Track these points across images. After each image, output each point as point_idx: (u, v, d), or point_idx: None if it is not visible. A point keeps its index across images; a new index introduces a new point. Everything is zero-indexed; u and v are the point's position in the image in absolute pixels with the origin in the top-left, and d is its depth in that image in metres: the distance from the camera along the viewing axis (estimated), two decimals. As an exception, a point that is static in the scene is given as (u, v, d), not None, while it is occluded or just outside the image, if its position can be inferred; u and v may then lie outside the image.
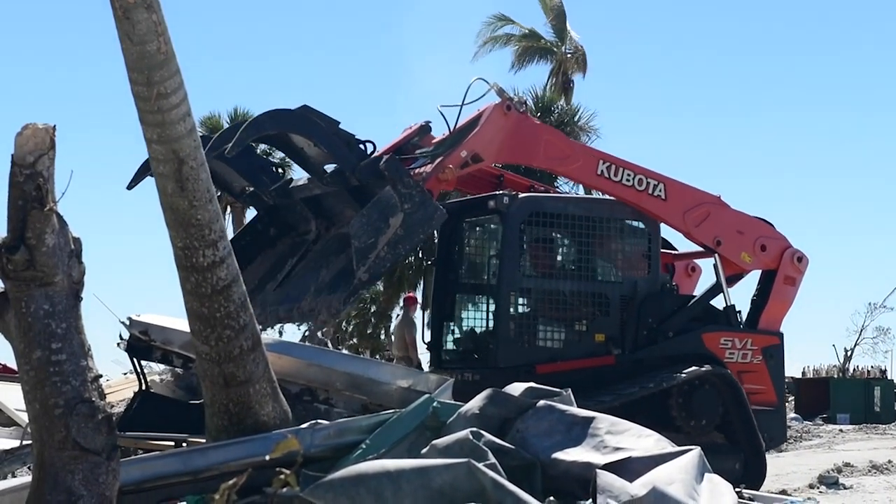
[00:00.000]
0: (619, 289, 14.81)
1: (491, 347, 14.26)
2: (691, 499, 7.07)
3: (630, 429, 8.60)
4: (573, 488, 7.72)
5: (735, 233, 15.50)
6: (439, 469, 6.53)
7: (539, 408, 8.66)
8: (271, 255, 14.50)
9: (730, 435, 14.64)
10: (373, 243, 12.31)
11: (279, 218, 14.63)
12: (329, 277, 13.20)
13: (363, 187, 13.24)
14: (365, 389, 11.67)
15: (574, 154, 14.87)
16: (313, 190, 13.95)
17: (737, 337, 15.21)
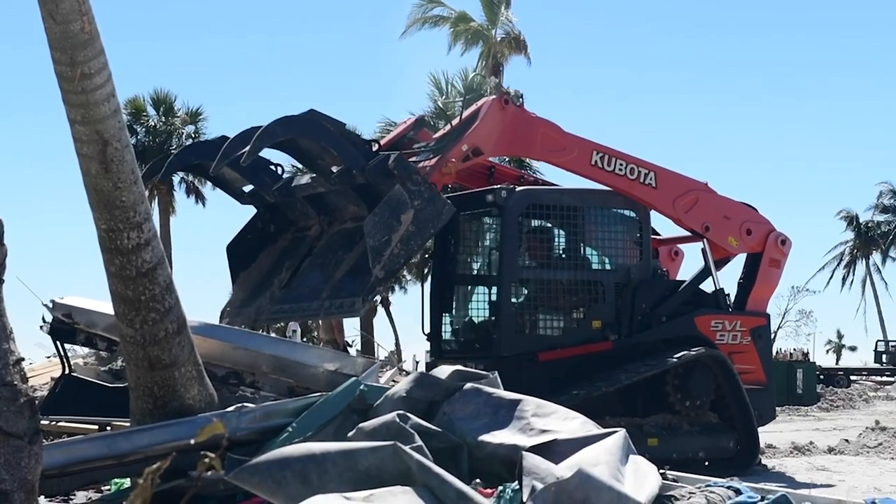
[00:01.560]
0: (613, 276, 15.10)
1: (494, 337, 14.41)
2: (616, 480, 7.12)
3: (556, 411, 8.64)
4: (499, 470, 7.75)
5: (722, 218, 15.86)
6: (365, 452, 6.53)
7: (466, 391, 8.68)
8: (273, 251, 14.58)
9: (723, 414, 14.99)
10: (386, 241, 12.50)
11: (279, 214, 14.72)
12: (341, 276, 13.33)
13: (369, 185, 13.36)
14: (291, 372, 11.65)
15: (569, 145, 15.07)
16: (317, 188, 14.06)
17: (727, 319, 15.55)
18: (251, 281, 14.45)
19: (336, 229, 14.15)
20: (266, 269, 14.48)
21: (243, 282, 14.54)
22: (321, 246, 14.13)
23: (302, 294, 13.77)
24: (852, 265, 78.11)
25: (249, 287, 14.49)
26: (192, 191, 49.54)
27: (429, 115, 40.66)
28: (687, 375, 14.68)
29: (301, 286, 13.88)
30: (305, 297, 13.64)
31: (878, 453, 16.67)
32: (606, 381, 14.13)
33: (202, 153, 13.93)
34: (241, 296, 14.52)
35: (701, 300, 15.78)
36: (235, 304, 14.55)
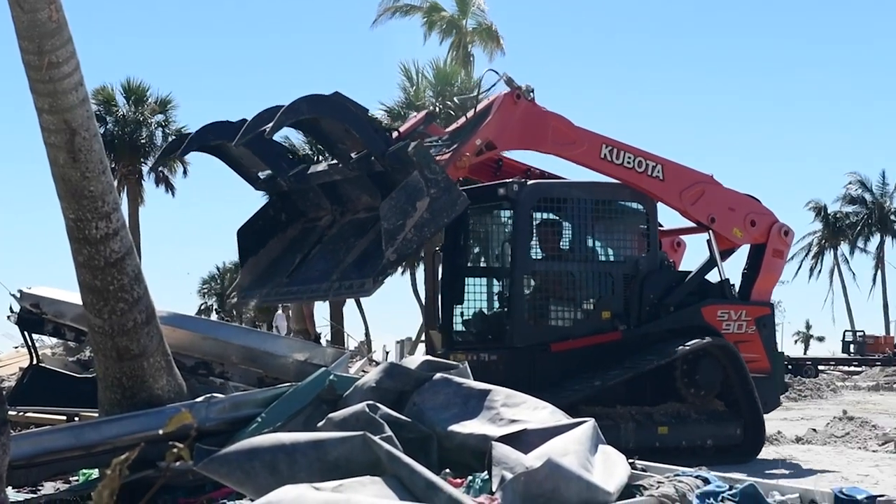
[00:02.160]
0: (622, 267, 15.29)
1: (507, 328, 14.52)
2: (585, 470, 7.13)
3: (525, 401, 8.65)
4: (469, 460, 7.75)
5: (727, 209, 16.05)
6: (334, 442, 6.51)
7: (435, 381, 8.68)
8: (283, 239, 14.66)
9: (730, 402, 15.15)
10: (401, 225, 12.62)
11: (290, 204, 14.78)
12: (352, 259, 13.47)
13: (385, 173, 13.49)
14: (261, 363, 11.63)
15: (579, 139, 15.20)
16: (333, 175, 14.15)
17: (732, 309, 15.74)
18: (259, 266, 14.53)
19: (348, 219, 14.25)
20: (275, 256, 14.61)
21: (251, 266, 14.61)
22: (332, 234, 14.25)
23: (310, 277, 13.91)
24: (820, 256, 78.48)
25: (258, 272, 14.57)
26: (162, 180, 49.36)
27: (399, 106, 40.69)
28: (695, 364, 14.86)
29: (310, 270, 14.01)
30: (314, 280, 13.79)
31: (845, 443, 16.77)
32: (621, 370, 14.33)
33: (222, 133, 13.95)
34: (248, 280, 14.59)
35: (707, 290, 15.97)
36: (243, 287, 14.64)
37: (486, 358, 14.37)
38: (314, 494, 5.47)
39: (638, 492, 7.53)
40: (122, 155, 46.31)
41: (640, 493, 7.49)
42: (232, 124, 13.89)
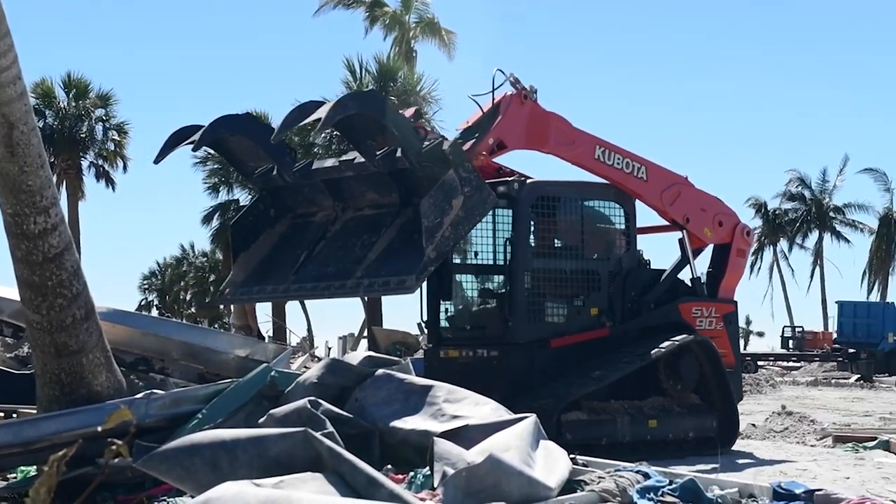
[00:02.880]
0: (607, 265, 15.58)
1: (510, 324, 14.63)
2: (526, 465, 7.16)
3: (467, 397, 8.67)
4: (411, 456, 7.76)
5: (699, 210, 16.52)
6: (275, 438, 6.49)
7: (378, 377, 8.68)
8: (272, 234, 14.68)
9: (705, 396, 15.48)
10: (439, 223, 12.75)
11: (280, 199, 14.82)
12: (376, 256, 13.50)
13: (407, 171, 13.56)
14: (202, 358, 11.60)
15: (578, 140, 15.50)
16: (344, 172, 14.14)
17: (704, 306, 16.17)
18: (251, 262, 14.52)
19: (350, 215, 14.29)
20: (266, 252, 14.59)
21: (243, 262, 14.60)
22: (336, 230, 14.26)
23: (326, 273, 13.88)
24: (760, 252, 78.94)
25: (249, 267, 14.56)
26: (102, 175, 48.91)
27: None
28: (678, 360, 15.16)
29: (324, 266, 13.99)
30: (333, 277, 13.75)
31: (783, 437, 16.92)
32: (618, 366, 14.58)
33: (233, 126, 13.96)
34: (241, 276, 14.55)
35: (679, 288, 16.36)
36: (237, 283, 14.57)
37: (484, 354, 14.54)
38: (254, 491, 5.45)
39: (579, 487, 7.56)
40: (61, 149, 45.87)
41: (580, 488, 7.53)
42: (240, 117, 14.12)
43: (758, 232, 78.40)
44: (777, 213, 78.23)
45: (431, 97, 40.64)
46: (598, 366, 14.50)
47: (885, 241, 72.69)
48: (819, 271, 75.79)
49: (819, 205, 75.58)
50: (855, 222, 75.22)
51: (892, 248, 72.78)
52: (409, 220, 13.50)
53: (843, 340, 49.80)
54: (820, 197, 75.93)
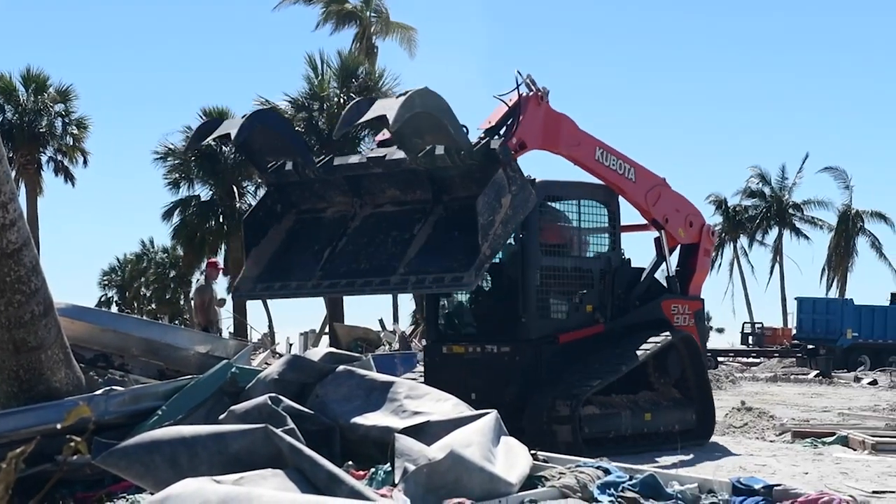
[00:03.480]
0: (599, 264, 15.84)
1: (523, 321, 14.65)
2: (487, 461, 7.17)
3: (429, 393, 8.68)
4: (372, 452, 7.76)
5: (675, 210, 16.93)
6: (236, 435, 6.48)
7: (338, 373, 8.67)
8: (279, 230, 14.65)
9: (684, 390, 15.80)
10: (491, 221, 12.87)
11: (285, 196, 14.71)
12: (415, 253, 13.52)
13: (446, 169, 13.60)
14: (162, 355, 11.53)
15: (583, 141, 15.77)
16: (371, 168, 14.11)
17: (681, 303, 16.57)
18: (263, 257, 14.48)
19: (369, 212, 14.28)
20: (276, 248, 14.54)
21: (255, 257, 14.55)
22: (356, 227, 14.25)
23: (360, 270, 13.86)
24: (720, 249, 79.21)
25: (262, 263, 14.51)
26: (62, 170, 48.61)
27: (304, 96, 40.50)
28: (666, 355, 15.48)
29: (354, 263, 13.97)
30: (371, 273, 13.75)
31: (743, 433, 17.02)
32: (623, 361, 14.84)
33: (265, 120, 14.06)
34: (255, 271, 14.48)
35: (658, 286, 16.71)
36: (251, 278, 14.49)
37: (493, 350, 14.61)
38: (214, 487, 5.43)
39: (540, 482, 7.58)
40: (20, 144, 45.55)
41: (541, 484, 7.54)
42: (270, 112, 14.08)
43: (718, 228, 78.91)
44: (737, 209, 78.56)
45: (393, 93, 40.60)
46: (603, 361, 14.73)
47: (843, 238, 73.16)
48: (779, 268, 76.19)
49: (779, 202, 75.98)
50: (814, 219, 75.69)
51: (850, 245, 73.24)
52: (443, 218, 13.64)
53: (803, 336, 50.13)
54: (780, 194, 76.33)
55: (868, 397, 28.00)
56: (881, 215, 73.13)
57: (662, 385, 15.53)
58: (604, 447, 13.40)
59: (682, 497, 7.56)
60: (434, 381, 14.39)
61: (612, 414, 14.42)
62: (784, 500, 7.38)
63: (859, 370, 44.90)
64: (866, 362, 48.05)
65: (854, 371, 44.09)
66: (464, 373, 14.33)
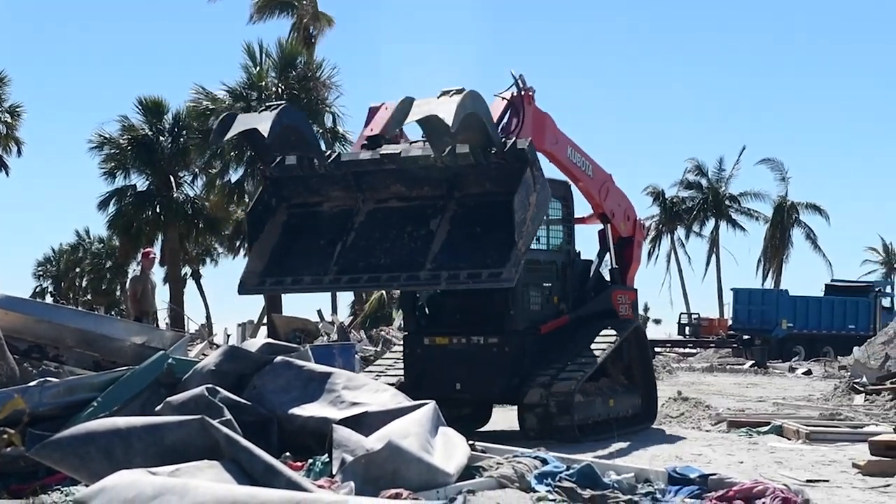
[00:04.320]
0: (560, 256, 16.18)
1: (512, 313, 14.87)
2: (425, 451, 7.17)
3: (367, 384, 8.66)
4: (310, 443, 7.73)
5: (618, 205, 17.51)
6: (172, 426, 6.43)
7: (276, 364, 8.63)
8: (275, 224, 14.65)
9: (629, 377, 16.35)
10: (524, 218, 13.21)
11: (277, 190, 14.71)
12: (438, 248, 13.68)
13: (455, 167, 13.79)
14: (97, 346, 11.43)
15: (560, 139, 16.18)
16: (384, 165, 14.11)
17: (624, 294, 17.13)
18: (265, 251, 14.49)
19: (372, 207, 14.37)
20: (274, 242, 14.55)
21: (258, 251, 14.55)
22: (362, 222, 14.33)
23: (381, 265, 13.96)
24: (658, 240, 79.70)
25: (265, 256, 14.51)
26: (-5, 160, 48.10)
27: (242, 86, 40.26)
28: (622, 343, 15.90)
29: (372, 258, 14.07)
30: (395, 268, 13.86)
31: (679, 423, 17.12)
32: (596, 351, 15.21)
33: (291, 117, 14.02)
34: (258, 266, 14.46)
35: (602, 277, 17.21)
36: (255, 272, 14.44)
37: (480, 341, 14.79)
38: (149, 479, 5.39)
39: (477, 473, 7.59)
40: (-48, 134, 45.09)
41: (479, 474, 7.56)
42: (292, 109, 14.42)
43: (655, 220, 79.43)
44: (675, 201, 79.06)
45: (332, 83, 40.54)
46: (580, 350, 15.14)
47: (779, 229, 73.86)
48: (715, 259, 76.80)
49: (716, 193, 76.55)
50: (750, 211, 76.32)
51: (786, 237, 73.97)
52: (458, 214, 13.86)
53: (738, 327, 50.60)
54: (716, 186, 76.90)
55: (802, 387, 28.30)
56: (816, 207, 73.97)
57: (615, 372, 15.98)
58: (585, 433, 14.10)
59: (619, 486, 7.61)
60: (415, 372, 14.89)
61: (591, 401, 14.85)
62: (719, 489, 7.44)
63: (794, 360, 45.40)
64: (801, 352, 48.61)
65: (789, 361, 44.56)
66: (448, 364, 14.64)
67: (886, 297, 53.32)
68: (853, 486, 9.92)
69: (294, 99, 39.12)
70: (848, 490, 9.72)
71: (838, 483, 10.17)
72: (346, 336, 25.55)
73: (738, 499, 7.09)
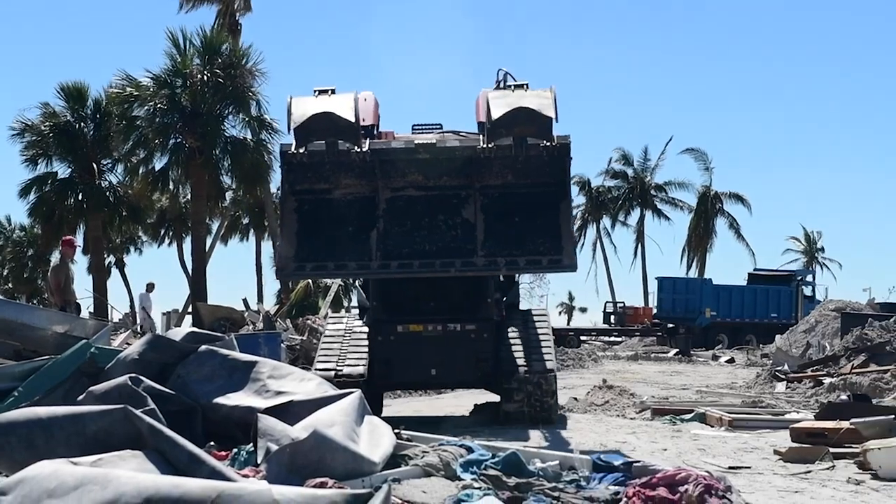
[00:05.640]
0: None
1: (489, 301, 15.35)
2: (351, 440, 7.16)
3: (292, 373, 8.63)
4: (235, 433, 7.69)
5: None
6: (94, 416, 6.36)
7: (201, 353, 8.57)
8: (289, 208, 14.76)
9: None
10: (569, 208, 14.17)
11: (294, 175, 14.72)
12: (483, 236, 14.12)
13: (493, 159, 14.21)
14: (18, 335, 11.30)
15: None
16: (419, 154, 14.40)
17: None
18: (291, 235, 14.57)
19: (390, 195, 14.59)
20: (297, 228, 14.60)
21: (287, 236, 14.65)
22: (385, 209, 14.53)
23: (426, 251, 14.33)
24: (584, 229, 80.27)
25: (293, 241, 14.58)
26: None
27: (166, 73, 39.87)
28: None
29: (413, 244, 14.41)
30: (445, 254, 14.26)
31: (604, 410, 17.25)
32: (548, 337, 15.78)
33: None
34: (290, 250, 14.51)
35: None
36: (290, 256, 14.47)
37: (456, 328, 15.08)
38: (71, 469, 5.33)
39: (403, 461, 7.59)
40: None
41: (405, 463, 7.56)
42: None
43: (581, 209, 79.94)
44: (600, 190, 79.58)
45: (258, 70, 40.26)
46: (536, 338, 15.59)
47: (703, 218, 74.60)
48: (641, 248, 77.44)
49: (641, 183, 77.14)
50: (675, 200, 77.04)
51: (709, 226, 74.71)
52: (485, 203, 14.32)
53: (663, 315, 51.07)
54: (642, 175, 77.49)
55: (725, 375, 28.64)
56: (739, 197, 74.80)
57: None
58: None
59: (544, 474, 7.63)
60: (384, 360, 15.10)
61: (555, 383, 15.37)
62: (642, 475, 7.49)
63: (717, 348, 45.93)
64: (724, 341, 49.18)
65: (712, 349, 45.06)
66: (422, 350, 14.91)
67: (808, 286, 54.06)
68: (774, 473, 10.04)
69: (219, 87, 38.86)
70: (769, 476, 9.84)
71: (760, 469, 10.30)
72: (271, 325, 25.40)
73: (661, 485, 7.14)
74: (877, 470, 9.69)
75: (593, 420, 15.80)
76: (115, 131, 40.30)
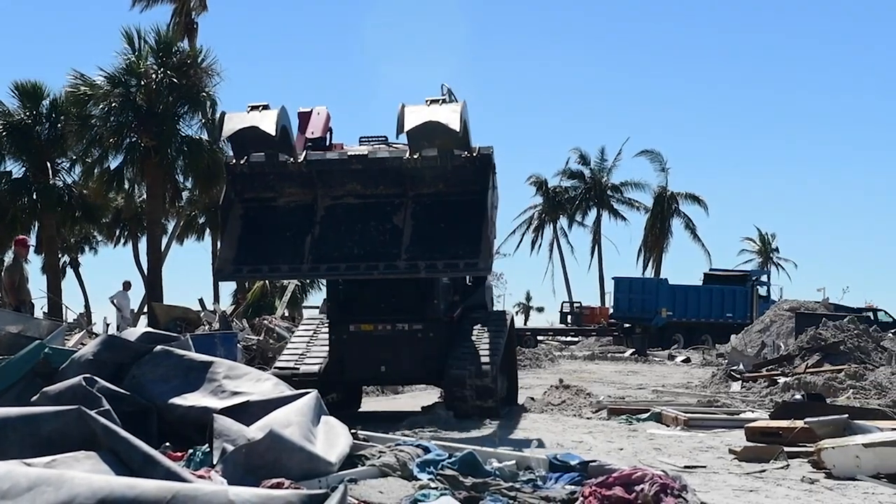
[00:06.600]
0: None
1: (435, 302, 15.87)
2: (307, 441, 7.15)
3: (248, 373, 8.60)
4: (190, 433, 7.66)
5: None
6: (48, 416, 6.32)
7: (156, 353, 8.52)
8: (234, 216, 15.33)
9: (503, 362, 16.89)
10: (490, 216, 14.68)
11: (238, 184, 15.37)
12: (409, 241, 14.72)
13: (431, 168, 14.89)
14: (-30, 336, 11.22)
15: None
16: (353, 165, 15.10)
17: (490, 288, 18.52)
18: (233, 240, 15.19)
19: (329, 203, 15.25)
20: (239, 233, 15.22)
21: (228, 240, 15.29)
22: (323, 216, 15.17)
23: (354, 255, 14.84)
24: (541, 229, 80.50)
25: (234, 246, 15.20)
26: None
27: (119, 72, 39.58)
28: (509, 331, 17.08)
29: (343, 248, 14.96)
30: (371, 258, 14.76)
31: (561, 410, 17.27)
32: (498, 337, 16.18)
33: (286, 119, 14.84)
34: (230, 254, 15.17)
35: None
36: (229, 259, 15.13)
37: (405, 328, 15.65)
38: (24, 470, 5.29)
39: (360, 461, 7.59)
40: None
41: (361, 463, 7.55)
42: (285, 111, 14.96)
43: (538, 209, 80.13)
44: (557, 190, 79.77)
45: (213, 70, 40.03)
46: (486, 337, 15.94)
47: (658, 219, 74.96)
48: (597, 248, 77.68)
49: (598, 183, 77.38)
50: (631, 200, 77.35)
51: (665, 226, 75.08)
52: (417, 210, 14.99)
53: (619, 315, 51.27)
54: (599, 176, 77.73)
55: (681, 375, 28.77)
56: (695, 197, 75.25)
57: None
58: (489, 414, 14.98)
59: (501, 474, 7.65)
60: (339, 357, 15.65)
61: (500, 382, 15.87)
62: (599, 475, 7.52)
63: (673, 348, 46.14)
64: (680, 340, 49.43)
65: (668, 349, 45.25)
66: (373, 348, 15.53)
67: (763, 286, 54.43)
68: (729, 472, 10.10)
69: (174, 86, 38.62)
70: (724, 475, 9.89)
71: (715, 469, 10.34)
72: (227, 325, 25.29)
73: (617, 485, 7.17)
74: (831, 469, 9.76)
75: (550, 420, 15.82)
76: (70, 131, 39.97)
